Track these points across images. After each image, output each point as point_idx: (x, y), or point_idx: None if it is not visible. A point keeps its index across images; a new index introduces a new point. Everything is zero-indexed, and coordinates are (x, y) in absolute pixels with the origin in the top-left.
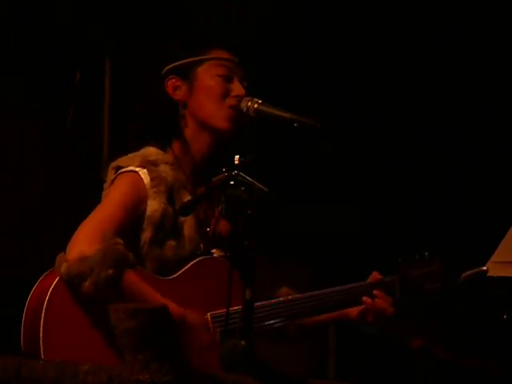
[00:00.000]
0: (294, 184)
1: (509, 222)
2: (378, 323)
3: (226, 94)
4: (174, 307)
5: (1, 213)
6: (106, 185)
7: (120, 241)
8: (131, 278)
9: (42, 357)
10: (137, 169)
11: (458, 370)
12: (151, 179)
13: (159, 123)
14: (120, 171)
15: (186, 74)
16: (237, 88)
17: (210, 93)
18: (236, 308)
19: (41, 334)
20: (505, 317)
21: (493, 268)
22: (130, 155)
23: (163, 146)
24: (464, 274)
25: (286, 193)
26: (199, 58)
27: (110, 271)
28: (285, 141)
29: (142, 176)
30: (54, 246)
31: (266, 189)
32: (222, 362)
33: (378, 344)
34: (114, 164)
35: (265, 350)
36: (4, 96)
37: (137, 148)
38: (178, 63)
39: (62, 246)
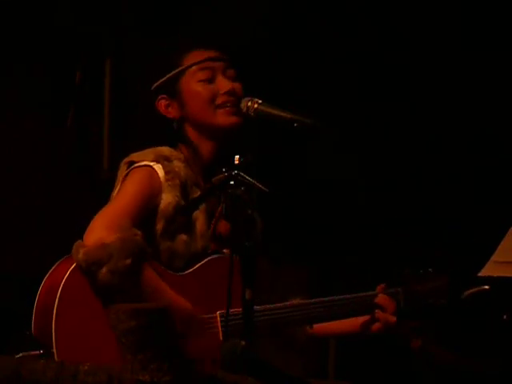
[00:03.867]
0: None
1: (507, 221)
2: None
3: (213, 95)
4: (186, 305)
5: (1, 212)
6: (117, 180)
7: (139, 232)
8: (149, 273)
9: (54, 343)
10: (151, 163)
11: (457, 370)
12: (166, 173)
13: (164, 136)
14: (133, 166)
15: (172, 90)
16: (222, 85)
17: (199, 100)
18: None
19: (53, 320)
20: (505, 317)
21: (493, 268)
22: (143, 151)
23: (174, 147)
24: (467, 292)
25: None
26: (178, 70)
27: (128, 261)
28: (285, 140)
29: (157, 170)
30: (53, 245)
31: (265, 189)
32: (222, 362)
33: (378, 344)
34: (126, 159)
35: (265, 349)
36: (4, 96)
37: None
38: (160, 82)
39: (62, 244)
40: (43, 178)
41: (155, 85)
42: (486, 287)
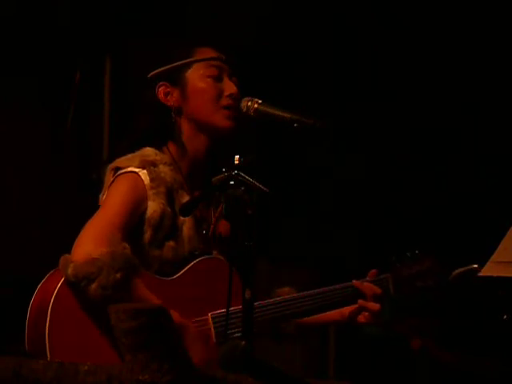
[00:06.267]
0: (292, 184)
1: (507, 221)
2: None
3: (219, 94)
4: (175, 317)
5: (1, 212)
6: (104, 186)
7: (127, 246)
8: (138, 285)
9: (49, 359)
10: (136, 169)
11: (457, 370)
12: (151, 180)
13: (154, 128)
14: (119, 172)
15: (175, 78)
16: (229, 86)
17: (204, 95)
18: (236, 308)
19: (46, 337)
20: (505, 317)
21: (493, 268)
22: (128, 156)
23: (159, 147)
24: (455, 272)
25: (285, 193)
26: (186, 61)
27: (118, 275)
28: (284, 140)
29: (142, 177)
30: (53, 245)
31: (265, 189)
32: (222, 362)
33: (378, 344)
34: (112, 165)
35: (265, 349)
36: (4, 96)
37: (133, 150)
38: (164, 68)
39: (62, 244)
40: (43, 177)
41: (158, 70)
42: (475, 266)
